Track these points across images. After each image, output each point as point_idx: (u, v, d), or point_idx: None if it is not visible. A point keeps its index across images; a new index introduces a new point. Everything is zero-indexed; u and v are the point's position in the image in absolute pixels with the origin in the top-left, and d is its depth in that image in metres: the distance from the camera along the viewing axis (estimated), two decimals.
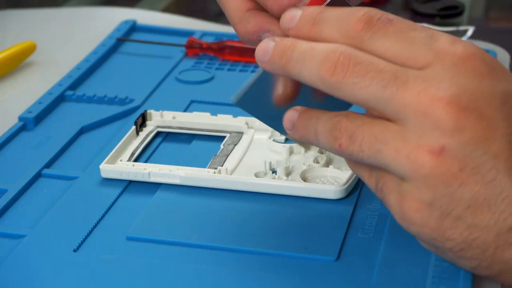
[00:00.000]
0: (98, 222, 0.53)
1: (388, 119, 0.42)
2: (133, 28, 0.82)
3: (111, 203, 0.55)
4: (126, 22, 0.83)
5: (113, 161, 0.58)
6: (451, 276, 0.47)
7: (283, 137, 0.61)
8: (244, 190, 0.55)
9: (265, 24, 0.48)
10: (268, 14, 0.48)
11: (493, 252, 0.42)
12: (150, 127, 0.63)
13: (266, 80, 0.48)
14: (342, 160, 0.56)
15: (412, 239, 0.49)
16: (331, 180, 0.55)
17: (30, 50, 0.77)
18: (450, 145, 0.40)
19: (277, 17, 0.47)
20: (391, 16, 0.43)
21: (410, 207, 0.42)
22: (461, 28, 0.83)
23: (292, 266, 0.48)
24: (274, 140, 0.60)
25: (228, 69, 0.74)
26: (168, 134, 0.63)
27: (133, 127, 0.62)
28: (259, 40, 0.47)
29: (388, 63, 0.42)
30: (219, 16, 0.92)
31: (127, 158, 0.59)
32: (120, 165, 0.58)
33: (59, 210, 0.55)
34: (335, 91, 0.42)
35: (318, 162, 0.57)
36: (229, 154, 0.59)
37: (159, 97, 0.69)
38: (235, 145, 0.60)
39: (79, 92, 0.70)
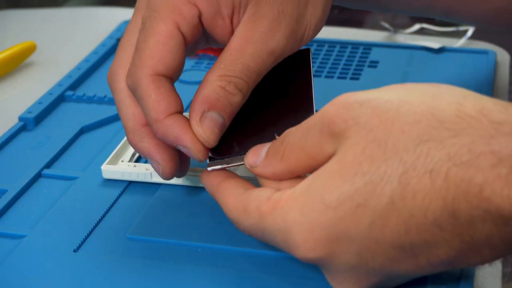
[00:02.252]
0: (98, 222, 0.53)
1: None
2: None
3: (111, 203, 0.55)
4: (126, 22, 0.83)
5: (114, 161, 0.58)
6: (451, 276, 0.47)
7: None
8: None
9: (159, 151, 0.49)
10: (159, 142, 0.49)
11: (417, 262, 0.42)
12: None
13: None
14: None
15: None
16: None
17: (30, 50, 0.77)
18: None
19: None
20: (243, 230, 0.46)
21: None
22: (461, 28, 0.83)
23: (292, 266, 0.48)
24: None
25: None
26: None
27: None
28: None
29: None
30: None
31: (128, 159, 0.59)
32: (121, 165, 0.58)
33: (59, 210, 0.55)
34: None
35: None
36: None
37: None
38: None
39: (79, 92, 0.70)
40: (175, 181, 0.56)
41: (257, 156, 0.46)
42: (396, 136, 0.40)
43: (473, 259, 0.40)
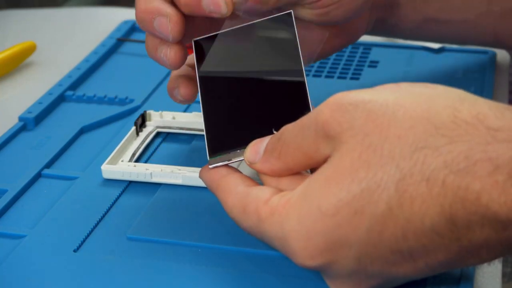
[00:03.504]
0: (98, 222, 0.53)
1: None
2: (133, 28, 0.82)
3: (111, 203, 0.55)
4: (126, 22, 0.83)
5: (114, 161, 0.58)
6: (451, 276, 0.47)
7: None
8: None
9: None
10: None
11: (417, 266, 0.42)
12: (150, 127, 0.63)
13: None
14: None
15: None
16: None
17: (30, 50, 0.77)
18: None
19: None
20: (241, 227, 0.46)
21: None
22: None
23: (292, 266, 0.48)
24: None
25: None
26: (168, 134, 0.63)
27: (133, 128, 0.62)
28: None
29: None
30: None
31: (128, 159, 0.59)
32: (121, 165, 0.58)
33: (59, 210, 0.55)
34: None
35: None
36: None
37: (159, 97, 0.69)
38: None
39: (79, 92, 0.70)
40: (175, 181, 0.56)
41: (256, 153, 0.46)
42: (392, 141, 0.40)
43: (471, 260, 0.41)
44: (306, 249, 0.42)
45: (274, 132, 0.46)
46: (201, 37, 0.52)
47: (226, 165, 0.48)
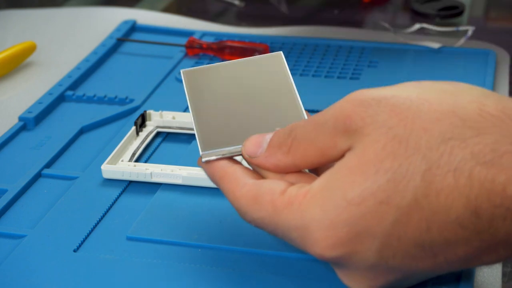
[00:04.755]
0: (98, 222, 0.53)
1: None
2: (133, 28, 0.82)
3: (111, 203, 0.55)
4: (126, 22, 0.83)
5: (114, 161, 0.58)
6: (451, 276, 0.47)
7: None
8: None
9: None
10: None
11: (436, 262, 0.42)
12: (150, 127, 0.63)
13: None
14: None
15: None
16: None
17: (30, 50, 0.77)
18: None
19: None
20: (252, 222, 0.45)
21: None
22: (461, 28, 0.83)
23: (292, 266, 0.48)
24: None
25: None
26: (168, 134, 0.63)
27: (133, 128, 0.62)
28: None
29: None
30: (219, 16, 0.92)
31: (128, 159, 0.59)
32: (121, 165, 0.58)
33: (59, 210, 0.55)
34: None
35: None
36: None
37: (159, 97, 0.69)
38: None
39: (79, 92, 0.70)
40: (175, 181, 0.56)
41: (258, 147, 0.45)
42: (418, 133, 0.40)
43: (489, 257, 0.40)
44: (328, 239, 0.41)
45: (277, 129, 0.46)
46: (189, 68, 0.51)
47: (226, 158, 0.47)
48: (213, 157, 0.47)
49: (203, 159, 0.47)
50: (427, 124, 0.40)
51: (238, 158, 0.48)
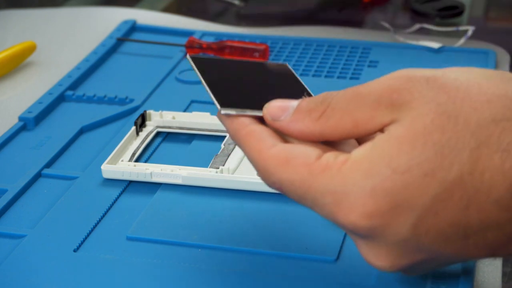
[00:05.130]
0: (98, 222, 0.53)
1: None
2: (133, 28, 0.82)
3: (111, 203, 0.55)
4: (126, 22, 0.83)
5: (114, 161, 0.58)
6: (451, 276, 0.47)
7: None
8: (246, 189, 0.55)
9: None
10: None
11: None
12: (150, 127, 0.63)
13: None
14: None
15: None
16: None
17: (30, 50, 0.77)
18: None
19: None
20: (278, 184, 0.43)
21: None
22: (461, 28, 0.83)
23: (292, 266, 0.48)
24: None
25: None
26: (168, 134, 0.63)
27: (133, 128, 0.62)
28: None
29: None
30: (219, 16, 0.92)
31: (128, 159, 0.59)
32: (121, 165, 0.58)
33: (59, 210, 0.55)
34: None
35: None
36: (230, 154, 0.59)
37: (159, 97, 0.69)
38: (236, 144, 0.60)
39: (79, 92, 0.70)
40: (175, 181, 0.56)
41: (282, 110, 0.43)
42: (468, 112, 0.39)
43: None
44: (366, 206, 0.40)
45: (305, 97, 0.44)
46: (197, 55, 0.50)
47: (248, 115, 0.44)
48: (233, 112, 0.44)
49: (223, 112, 0.44)
50: (478, 105, 0.39)
51: None
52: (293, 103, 0.43)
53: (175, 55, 0.76)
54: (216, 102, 0.44)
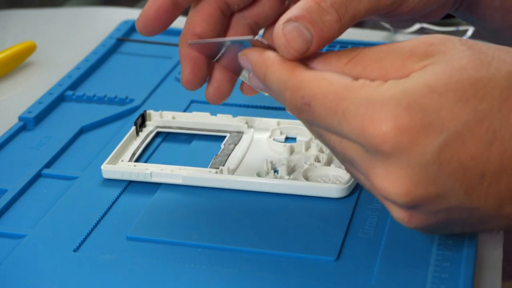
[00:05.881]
0: (98, 222, 0.53)
1: None
2: (133, 28, 0.82)
3: (111, 203, 0.55)
4: (126, 22, 0.83)
5: (114, 161, 0.58)
6: (451, 276, 0.47)
7: (283, 136, 0.61)
8: (246, 189, 0.55)
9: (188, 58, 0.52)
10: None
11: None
12: (150, 127, 0.63)
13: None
14: None
15: (412, 239, 0.49)
16: (333, 179, 0.55)
17: (30, 50, 0.77)
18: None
19: None
20: (307, 99, 0.43)
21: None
22: (461, 28, 0.83)
23: (292, 266, 0.48)
24: (274, 140, 0.60)
25: None
26: (168, 134, 0.63)
27: (133, 128, 0.62)
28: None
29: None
30: None
31: (128, 159, 0.59)
32: (121, 165, 0.58)
33: (59, 210, 0.55)
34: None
35: (319, 161, 0.57)
36: (230, 154, 0.59)
37: (159, 97, 0.69)
38: (236, 144, 0.60)
39: (79, 92, 0.70)
40: (175, 181, 0.56)
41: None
42: (499, 62, 0.42)
43: None
44: (399, 119, 0.40)
45: None
46: (196, 41, 0.51)
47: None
48: (266, 42, 0.45)
49: (256, 37, 0.45)
50: (508, 57, 0.42)
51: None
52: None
53: (175, 55, 0.76)
54: (245, 36, 0.46)
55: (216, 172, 0.56)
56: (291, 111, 0.45)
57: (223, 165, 0.57)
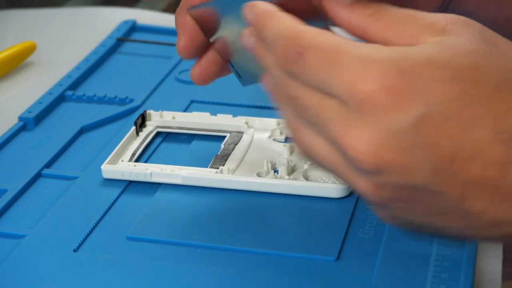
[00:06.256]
0: (98, 222, 0.53)
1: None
2: (133, 28, 0.82)
3: (111, 203, 0.55)
4: (126, 22, 0.83)
5: (114, 161, 0.58)
6: (451, 276, 0.47)
7: (283, 136, 0.61)
8: (246, 189, 0.55)
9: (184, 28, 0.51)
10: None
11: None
12: (150, 127, 0.63)
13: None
14: None
15: (412, 239, 0.49)
16: (333, 179, 0.55)
17: (30, 50, 0.77)
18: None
19: None
20: (302, 48, 0.42)
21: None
22: None
23: (292, 266, 0.48)
24: (274, 139, 0.60)
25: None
26: (168, 134, 0.63)
27: (133, 128, 0.62)
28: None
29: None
30: None
31: (128, 159, 0.59)
32: (121, 165, 0.58)
33: (59, 210, 0.55)
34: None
35: None
36: (230, 154, 0.59)
37: (159, 97, 0.69)
38: (236, 144, 0.60)
39: (79, 92, 0.70)
40: (175, 181, 0.56)
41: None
42: (506, 44, 0.43)
43: None
44: (388, 79, 0.40)
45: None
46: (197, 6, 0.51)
47: None
48: None
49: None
50: None
51: None
52: None
53: (175, 55, 0.76)
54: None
55: (216, 172, 0.56)
56: (279, 61, 0.43)
57: (223, 165, 0.57)
